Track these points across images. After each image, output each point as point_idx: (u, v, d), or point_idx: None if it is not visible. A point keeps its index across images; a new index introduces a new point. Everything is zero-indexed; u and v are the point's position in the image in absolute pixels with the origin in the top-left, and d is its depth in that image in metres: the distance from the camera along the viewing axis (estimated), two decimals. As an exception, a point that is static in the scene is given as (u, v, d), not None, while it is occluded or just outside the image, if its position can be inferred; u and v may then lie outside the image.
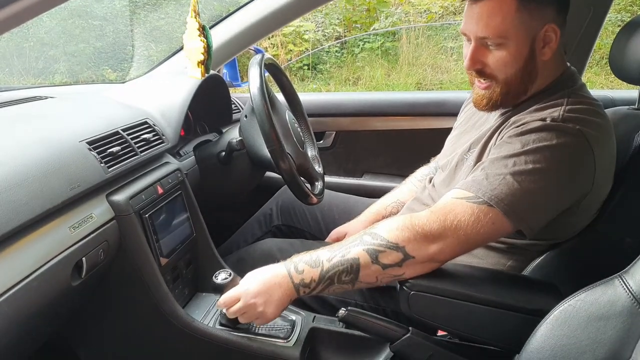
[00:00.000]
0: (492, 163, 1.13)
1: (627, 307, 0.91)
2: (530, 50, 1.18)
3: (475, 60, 1.21)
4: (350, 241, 1.15)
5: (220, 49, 1.96)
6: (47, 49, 4.55)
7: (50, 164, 1.07)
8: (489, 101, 1.25)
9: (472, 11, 1.18)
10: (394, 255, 1.10)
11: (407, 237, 1.09)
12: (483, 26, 1.16)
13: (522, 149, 1.10)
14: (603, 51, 5.22)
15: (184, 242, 1.44)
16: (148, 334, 1.35)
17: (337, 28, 6.41)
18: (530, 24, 1.16)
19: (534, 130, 1.11)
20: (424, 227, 1.09)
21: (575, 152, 1.11)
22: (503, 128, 1.22)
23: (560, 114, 1.13)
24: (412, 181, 1.70)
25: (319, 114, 2.29)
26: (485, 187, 1.09)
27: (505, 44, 1.17)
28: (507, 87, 1.22)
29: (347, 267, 1.11)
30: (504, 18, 1.14)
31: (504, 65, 1.19)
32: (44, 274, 0.97)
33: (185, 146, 1.72)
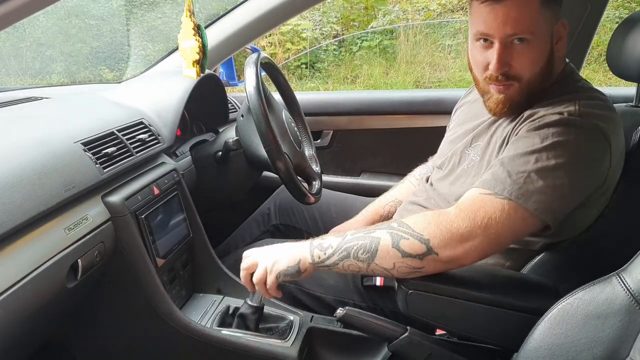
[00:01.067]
0: (512, 160, 1.10)
1: (625, 305, 0.91)
2: (551, 47, 1.18)
3: (504, 61, 1.17)
4: (377, 225, 1.14)
5: (216, 48, 1.95)
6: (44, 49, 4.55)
7: (45, 165, 1.06)
8: (510, 104, 1.21)
9: (497, 11, 1.14)
10: (417, 246, 1.07)
11: (434, 231, 1.07)
12: (512, 24, 1.13)
13: (542, 144, 1.08)
14: (601, 48, 5.22)
15: (180, 242, 1.44)
16: (145, 335, 1.35)
17: (334, 26, 6.40)
18: (551, 20, 1.16)
19: (552, 125, 1.10)
20: (452, 225, 1.06)
21: (594, 147, 1.11)
22: (517, 123, 1.20)
23: (576, 108, 1.12)
24: (410, 180, 1.70)
25: (316, 113, 2.28)
26: (511, 186, 1.07)
27: (532, 41, 1.15)
28: (529, 86, 1.19)
29: (366, 244, 1.09)
30: (531, 13, 1.13)
31: (531, 63, 1.17)
32: (39, 276, 0.97)
33: (182, 146, 1.71)
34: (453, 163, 1.37)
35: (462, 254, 1.06)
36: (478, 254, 1.08)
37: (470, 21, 1.21)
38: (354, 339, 1.35)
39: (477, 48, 1.20)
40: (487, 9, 1.14)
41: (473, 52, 1.23)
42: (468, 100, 1.50)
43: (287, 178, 1.49)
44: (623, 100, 1.55)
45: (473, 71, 1.25)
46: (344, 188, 2.17)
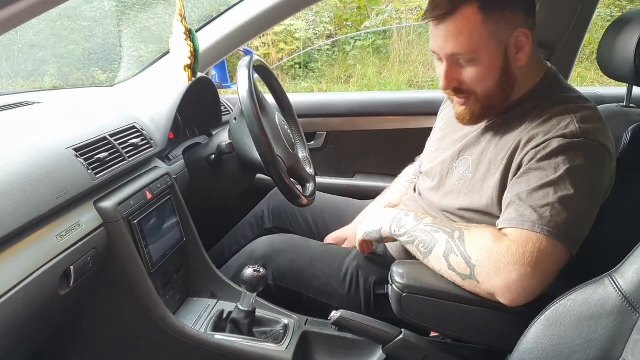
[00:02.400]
0: (530, 194, 1.09)
1: (618, 306, 0.91)
2: (505, 60, 1.16)
3: (451, 79, 1.19)
4: (447, 224, 1.17)
5: (209, 50, 1.95)
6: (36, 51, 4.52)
7: (36, 172, 1.06)
8: (472, 116, 1.24)
9: (439, 31, 1.16)
10: (463, 266, 1.09)
11: (483, 260, 1.07)
12: (452, 44, 1.14)
13: (557, 175, 1.08)
14: (593, 46, 5.23)
15: (174, 247, 1.44)
16: (139, 341, 1.34)
17: (328, 26, 6.39)
18: (500, 33, 1.14)
19: (560, 152, 1.09)
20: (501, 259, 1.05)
21: (603, 165, 1.11)
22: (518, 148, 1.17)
23: (576, 127, 1.11)
24: (402, 182, 1.70)
25: (309, 115, 2.28)
26: (539, 221, 1.05)
27: (478, 58, 1.14)
28: (487, 99, 1.20)
29: (427, 241, 1.15)
30: (471, 33, 1.12)
31: (481, 79, 1.17)
32: (31, 284, 0.96)
33: (175, 150, 1.71)
34: (441, 175, 1.37)
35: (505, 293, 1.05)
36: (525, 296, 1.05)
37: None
38: (348, 342, 1.35)
39: (436, 62, 1.23)
40: (431, 28, 1.18)
41: (436, 65, 1.24)
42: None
43: (281, 181, 1.49)
44: (614, 100, 1.56)
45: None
46: (338, 190, 2.17)
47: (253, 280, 1.29)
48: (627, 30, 1.28)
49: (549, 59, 2.07)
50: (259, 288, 1.32)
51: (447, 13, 1.13)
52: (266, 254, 1.47)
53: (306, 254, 1.48)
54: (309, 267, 1.44)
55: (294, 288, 1.45)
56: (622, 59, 1.28)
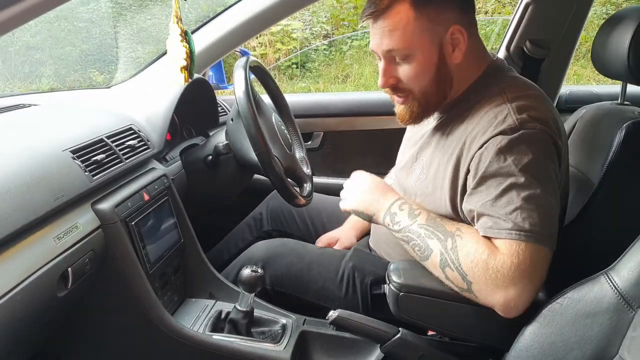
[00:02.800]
0: (496, 202, 1.08)
1: (613, 303, 0.92)
2: (440, 56, 1.17)
3: (388, 76, 1.21)
4: (440, 229, 1.14)
5: (206, 51, 1.95)
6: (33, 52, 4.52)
7: (33, 174, 1.06)
8: (411, 115, 1.24)
9: (375, 29, 1.18)
10: (459, 281, 1.09)
11: (478, 275, 1.06)
12: (387, 41, 1.16)
13: (514, 176, 1.07)
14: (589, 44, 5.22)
15: (171, 248, 1.44)
16: (137, 342, 1.34)
17: (324, 26, 6.40)
18: (433, 29, 1.15)
19: (506, 151, 1.08)
20: (498, 275, 1.04)
21: (548, 150, 1.11)
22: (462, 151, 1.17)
23: (514, 119, 1.10)
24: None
25: (306, 115, 2.28)
26: (516, 228, 1.05)
27: (412, 54, 1.16)
28: (424, 97, 1.21)
29: (421, 247, 1.14)
30: (404, 29, 1.14)
31: (416, 76, 1.18)
32: (28, 286, 0.96)
33: (172, 151, 1.71)
34: (406, 175, 1.38)
35: (505, 307, 1.05)
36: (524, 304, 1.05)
37: None
38: (346, 341, 1.35)
39: (377, 61, 1.24)
40: (368, 25, 1.20)
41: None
42: None
43: (278, 181, 1.49)
44: (609, 98, 1.56)
45: None
46: (335, 189, 2.15)
47: (251, 280, 1.30)
48: (620, 28, 1.28)
49: (545, 58, 2.08)
50: (256, 288, 1.32)
51: (382, 10, 1.15)
52: (263, 259, 1.47)
53: (303, 257, 1.48)
54: (306, 270, 1.45)
55: (292, 292, 1.45)
56: (615, 56, 1.29)
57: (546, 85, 2.11)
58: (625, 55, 1.25)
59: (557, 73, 2.13)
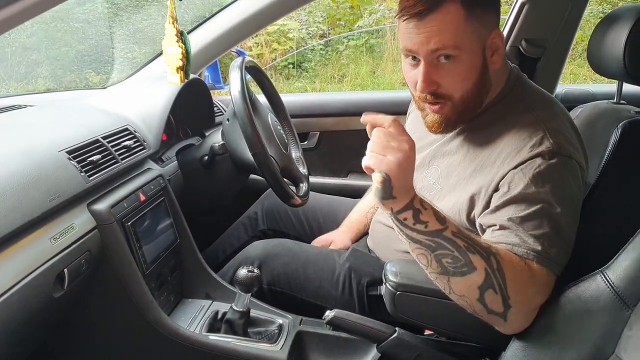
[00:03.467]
0: (523, 222, 1.04)
1: (610, 302, 0.92)
2: (483, 60, 1.13)
3: (430, 80, 1.12)
4: (477, 243, 1.01)
5: (201, 51, 1.95)
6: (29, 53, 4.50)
7: (29, 175, 1.06)
8: (447, 123, 1.18)
9: (420, 28, 1.10)
10: (497, 305, 1.00)
11: (520, 298, 1.00)
12: (436, 39, 1.08)
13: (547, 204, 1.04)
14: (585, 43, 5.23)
15: (168, 248, 1.44)
16: (134, 343, 1.34)
17: (321, 26, 6.40)
18: (480, 32, 1.12)
19: (543, 175, 1.06)
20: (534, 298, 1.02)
21: (578, 181, 1.10)
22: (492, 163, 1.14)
23: (551, 143, 1.08)
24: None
25: (302, 115, 2.28)
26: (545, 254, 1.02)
27: (459, 56, 1.10)
28: (463, 104, 1.15)
29: (458, 259, 0.99)
30: (456, 28, 1.09)
31: (461, 80, 1.12)
32: (24, 287, 0.96)
33: (168, 151, 1.71)
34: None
35: (518, 327, 1.03)
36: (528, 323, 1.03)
37: (399, 38, 1.16)
38: (343, 341, 1.35)
39: (407, 65, 1.17)
40: (410, 25, 1.10)
41: (405, 69, 1.19)
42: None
43: (274, 181, 1.49)
44: (605, 97, 1.57)
45: (409, 87, 1.21)
46: (332, 189, 2.17)
47: (247, 280, 1.30)
48: (615, 27, 1.28)
49: (540, 57, 2.08)
50: (253, 288, 1.32)
51: (431, 8, 1.08)
52: (259, 259, 1.47)
53: (299, 257, 1.48)
54: (302, 270, 1.44)
55: (288, 291, 1.45)
56: (611, 55, 1.29)
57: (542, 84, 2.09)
58: (621, 54, 1.25)
59: (553, 72, 2.13)
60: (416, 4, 1.09)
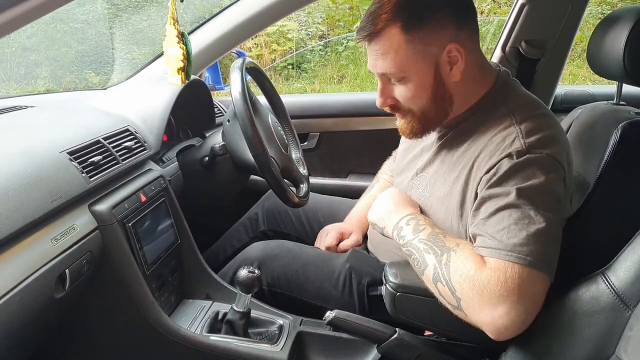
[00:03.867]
0: (485, 222, 1.07)
1: (610, 303, 0.92)
2: (436, 76, 1.15)
3: (385, 97, 1.21)
4: (439, 244, 1.11)
5: (202, 52, 1.95)
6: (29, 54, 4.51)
7: (30, 176, 1.06)
8: (411, 130, 1.24)
9: (369, 51, 1.17)
10: (449, 297, 1.06)
11: (466, 291, 1.03)
12: (381, 64, 1.15)
13: (513, 198, 1.05)
14: (585, 44, 5.25)
15: (168, 249, 1.44)
16: (135, 343, 1.34)
17: (320, 27, 6.41)
18: (426, 51, 1.13)
19: (511, 174, 1.07)
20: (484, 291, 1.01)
21: (554, 177, 1.08)
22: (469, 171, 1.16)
23: (521, 143, 1.09)
24: (384, 177, 1.70)
25: (302, 116, 2.29)
26: (509, 249, 1.02)
27: (407, 77, 1.15)
28: (424, 116, 1.20)
29: (419, 260, 1.12)
30: (395, 53, 1.12)
31: (412, 98, 1.17)
32: (26, 288, 0.96)
33: (168, 152, 1.71)
34: (404, 189, 1.37)
35: (492, 327, 1.01)
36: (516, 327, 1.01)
37: None
38: (343, 342, 1.35)
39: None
40: (365, 46, 1.18)
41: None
42: None
43: (274, 182, 1.49)
44: (604, 98, 1.57)
45: None
46: (332, 190, 2.18)
47: (248, 281, 1.30)
48: (615, 28, 1.28)
49: (540, 58, 2.09)
50: (253, 289, 1.32)
51: (373, 34, 1.14)
52: (259, 260, 1.47)
53: (299, 258, 1.48)
54: (302, 271, 1.45)
55: (288, 292, 1.45)
56: (611, 56, 1.29)
57: (542, 85, 2.12)
58: (620, 55, 1.25)
59: (553, 73, 2.13)
60: (364, 27, 1.15)
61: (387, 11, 1.12)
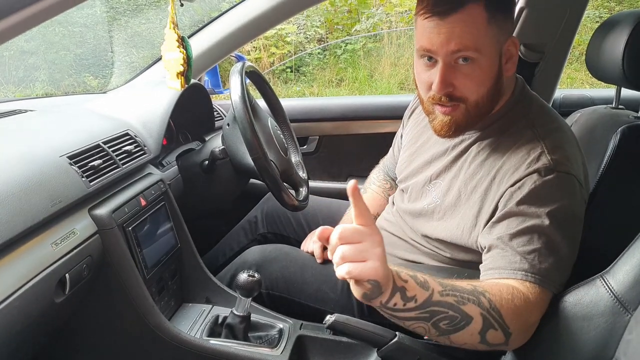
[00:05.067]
0: (512, 239, 1.05)
1: (609, 306, 0.92)
2: (499, 66, 1.12)
3: (447, 82, 1.10)
4: (464, 290, 0.96)
5: (201, 56, 1.95)
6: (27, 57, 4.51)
7: (30, 180, 1.06)
8: (456, 127, 1.16)
9: (441, 27, 1.07)
10: (499, 338, 0.98)
11: (519, 326, 0.99)
12: (457, 39, 1.06)
13: (540, 218, 1.03)
14: (582, 47, 5.26)
15: (168, 253, 1.44)
16: (135, 347, 1.34)
17: (319, 30, 6.41)
18: (499, 37, 1.10)
19: (537, 192, 1.06)
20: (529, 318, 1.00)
21: (577, 197, 1.08)
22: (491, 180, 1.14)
23: (548, 159, 1.07)
24: (372, 187, 1.67)
25: (301, 119, 2.29)
26: (525, 267, 1.02)
27: (478, 59, 1.09)
28: (476, 108, 1.13)
29: (455, 317, 0.94)
30: (477, 30, 1.07)
31: (477, 84, 1.11)
32: (26, 292, 0.96)
33: (168, 156, 1.71)
34: (415, 195, 1.35)
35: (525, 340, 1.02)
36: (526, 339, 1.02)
37: (415, 37, 1.14)
38: (343, 345, 1.35)
39: (422, 66, 1.14)
40: (430, 24, 1.08)
41: (418, 70, 1.17)
42: (420, 109, 1.42)
43: (274, 185, 1.49)
44: (603, 102, 1.57)
45: (418, 89, 1.19)
46: (331, 193, 2.17)
47: (248, 285, 1.30)
48: (614, 33, 1.29)
49: (539, 62, 2.09)
50: (253, 293, 1.32)
51: (453, 9, 1.06)
52: (257, 263, 1.48)
53: (297, 261, 1.48)
54: (300, 273, 1.45)
55: (287, 295, 1.45)
56: (610, 61, 1.29)
57: (541, 89, 2.12)
58: (619, 59, 1.25)
59: (552, 77, 2.13)
60: (438, 2, 1.07)
61: None
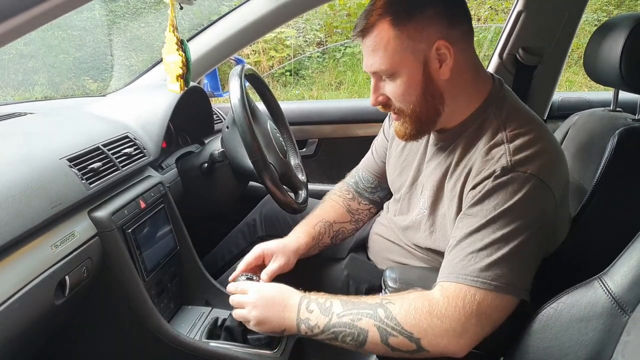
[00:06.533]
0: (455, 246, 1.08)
1: (607, 308, 0.92)
2: (425, 73, 1.13)
3: (377, 94, 1.19)
4: (363, 306, 1.09)
5: (200, 59, 1.96)
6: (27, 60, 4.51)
7: (30, 182, 1.06)
8: (405, 132, 1.21)
9: (363, 49, 1.17)
10: (406, 344, 1.04)
11: (425, 329, 1.03)
12: (372, 61, 1.15)
13: (494, 220, 1.05)
14: (581, 50, 5.27)
15: (168, 255, 1.44)
16: (134, 350, 1.34)
17: (318, 33, 6.42)
18: (414, 46, 1.11)
19: (491, 193, 1.07)
20: (444, 321, 1.02)
21: (535, 197, 1.06)
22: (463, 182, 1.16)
23: (507, 160, 1.07)
24: (333, 198, 1.62)
25: (301, 122, 2.30)
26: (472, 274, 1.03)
27: (397, 73, 1.13)
28: (415, 115, 1.17)
29: (353, 333, 1.08)
30: (384, 48, 1.12)
31: (402, 94, 1.15)
32: (26, 294, 0.96)
33: (168, 158, 1.72)
34: (405, 204, 1.37)
35: (456, 348, 1.03)
36: (472, 344, 1.04)
37: None
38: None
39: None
40: (360, 43, 1.18)
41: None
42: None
43: (273, 188, 1.50)
44: (601, 104, 1.58)
45: None
46: (330, 196, 2.17)
47: (247, 287, 1.30)
48: (612, 36, 1.29)
49: (537, 65, 2.10)
50: (253, 295, 1.32)
51: (365, 30, 1.14)
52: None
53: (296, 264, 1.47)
54: (299, 277, 1.44)
55: None
56: (607, 63, 1.30)
57: (539, 92, 2.13)
58: (617, 62, 1.26)
59: (550, 80, 2.14)
60: (358, 24, 1.16)
61: (378, 7, 1.12)
